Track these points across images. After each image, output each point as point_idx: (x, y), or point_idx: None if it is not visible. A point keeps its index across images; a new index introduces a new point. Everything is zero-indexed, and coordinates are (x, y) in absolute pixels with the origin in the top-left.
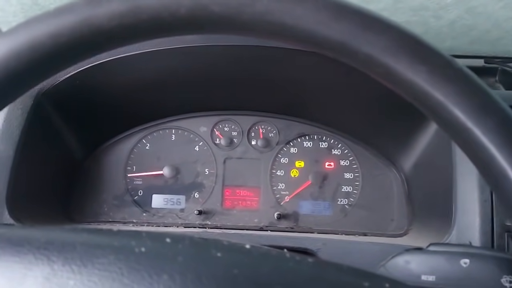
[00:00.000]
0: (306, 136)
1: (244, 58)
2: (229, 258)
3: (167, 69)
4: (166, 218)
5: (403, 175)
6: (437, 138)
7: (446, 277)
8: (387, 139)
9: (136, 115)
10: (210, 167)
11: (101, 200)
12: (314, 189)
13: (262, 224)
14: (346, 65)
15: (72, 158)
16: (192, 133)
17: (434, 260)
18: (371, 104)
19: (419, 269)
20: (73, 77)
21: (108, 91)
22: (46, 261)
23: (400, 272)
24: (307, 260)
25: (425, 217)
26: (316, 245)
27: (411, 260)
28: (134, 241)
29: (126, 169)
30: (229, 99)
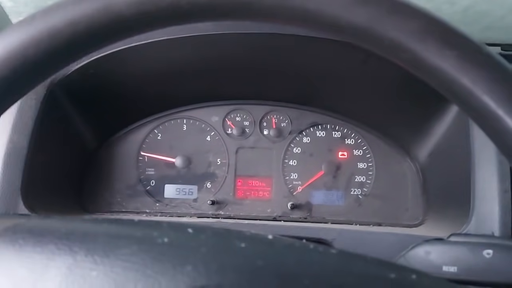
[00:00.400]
0: (319, 126)
1: (257, 46)
2: (253, 249)
3: (179, 58)
4: (179, 208)
5: (418, 165)
6: (453, 127)
7: (468, 268)
8: (402, 128)
9: (149, 105)
10: (222, 157)
11: (114, 190)
12: (327, 179)
13: (275, 214)
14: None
15: (85, 148)
16: (204, 123)
17: (455, 251)
18: (386, 92)
19: (440, 260)
20: (86, 66)
21: (121, 81)
22: (69, 252)
23: (421, 263)
24: (331, 252)
25: (441, 207)
26: (330, 235)
27: (432, 250)
28: (156, 232)
29: (138, 159)
30: (241, 88)
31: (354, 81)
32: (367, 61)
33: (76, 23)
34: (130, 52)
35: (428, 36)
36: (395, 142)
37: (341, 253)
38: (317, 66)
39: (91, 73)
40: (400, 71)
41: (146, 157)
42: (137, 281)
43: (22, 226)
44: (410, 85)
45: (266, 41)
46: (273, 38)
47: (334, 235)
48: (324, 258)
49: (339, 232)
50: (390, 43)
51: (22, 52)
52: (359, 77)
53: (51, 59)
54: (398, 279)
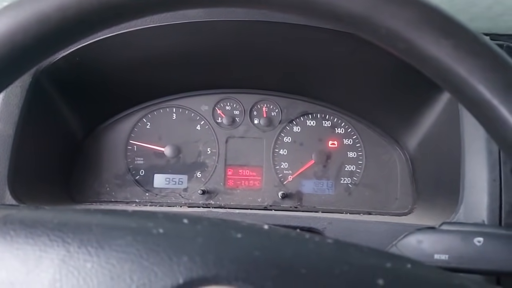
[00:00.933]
0: (309, 115)
1: (247, 34)
2: (250, 240)
3: (168, 45)
4: (169, 198)
5: (408, 154)
6: (443, 116)
7: (459, 256)
8: (391, 118)
9: (137, 93)
10: (212, 147)
11: (102, 179)
12: (318, 168)
13: (266, 204)
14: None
15: (73, 137)
16: (194, 112)
17: (447, 239)
18: (375, 82)
19: (432, 248)
20: (72, 54)
21: (109, 69)
22: (61, 243)
23: (413, 252)
24: (327, 242)
25: (430, 195)
26: (321, 224)
27: (424, 239)
28: (151, 222)
29: (127, 148)
30: (231, 77)
31: (344, 70)
32: (356, 51)
33: (65, 8)
34: (117, 40)
35: (424, 25)
36: (385, 131)
37: (337, 243)
38: (307, 55)
39: (77, 61)
40: (390, 61)
41: (135, 146)
42: (133, 272)
43: (13, 217)
44: (400, 74)
45: (256, 29)
46: (262, 26)
47: (324, 224)
48: (320, 248)
49: (330, 221)
50: (387, 33)
51: (10, 38)
52: (348, 66)
53: (40, 45)
54: (394, 268)
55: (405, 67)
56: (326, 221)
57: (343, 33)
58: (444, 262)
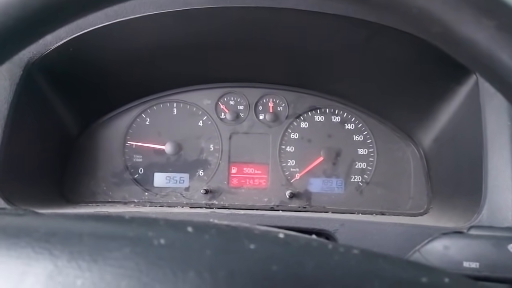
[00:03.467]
0: (317, 110)
1: (254, 22)
2: (265, 251)
3: (168, 35)
4: (170, 198)
5: (422, 150)
6: (463, 110)
7: (491, 264)
8: (405, 112)
9: (135, 87)
10: (215, 143)
11: (98, 178)
12: (327, 165)
13: (272, 204)
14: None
15: (67, 134)
16: (196, 106)
17: (477, 245)
18: (390, 73)
19: (461, 255)
20: (66, 45)
21: (104, 60)
22: (48, 256)
23: (439, 259)
24: (353, 252)
25: (448, 195)
26: (332, 225)
27: (451, 245)
28: (152, 231)
29: (125, 145)
30: (235, 69)
31: (356, 61)
32: (371, 39)
33: None
34: (113, 29)
35: (463, 4)
36: (397, 126)
37: (364, 254)
38: (318, 44)
39: (71, 52)
40: (407, 50)
41: (134, 144)
42: None
43: None
44: (417, 65)
45: (262, 15)
46: (270, 12)
47: (336, 226)
48: (346, 260)
49: (342, 222)
50: (419, 13)
51: None
52: (361, 56)
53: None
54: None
55: (423, 57)
56: (337, 223)
57: (357, 20)
58: (475, 271)
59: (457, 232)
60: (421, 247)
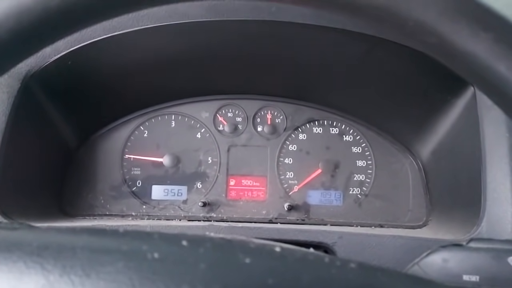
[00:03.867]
0: (315, 122)
1: (252, 34)
2: (261, 265)
3: (166, 48)
4: (168, 210)
5: (420, 163)
6: (461, 122)
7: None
8: (403, 124)
9: (133, 100)
10: (213, 156)
11: (96, 191)
12: (325, 178)
13: (271, 216)
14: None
15: (65, 147)
16: (194, 119)
17: (476, 258)
18: (388, 86)
19: (460, 268)
20: (64, 57)
21: (103, 73)
22: (40, 270)
23: (438, 272)
24: (350, 266)
25: (446, 207)
26: (331, 238)
27: (450, 258)
28: (146, 245)
29: (123, 158)
30: (233, 82)
31: (354, 74)
32: (370, 52)
33: None
34: (111, 42)
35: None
36: (396, 138)
37: (362, 267)
38: (316, 57)
39: (69, 65)
40: (405, 63)
41: (132, 156)
42: None
43: None
44: (415, 78)
45: (261, 29)
46: (269, 26)
47: (334, 239)
48: (343, 274)
49: (340, 235)
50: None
51: None
52: (359, 69)
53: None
54: None
55: (421, 69)
56: (335, 235)
57: (356, 33)
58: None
59: (456, 245)
60: (420, 260)
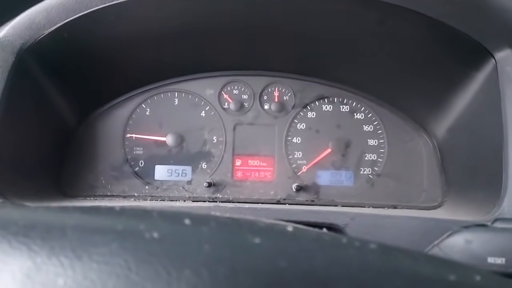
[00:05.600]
0: (325, 99)
1: (260, 5)
2: (272, 246)
3: (168, 18)
4: (172, 191)
5: (435, 141)
6: (480, 97)
7: None
8: (417, 100)
9: (135, 76)
10: (218, 134)
11: (97, 171)
12: (335, 157)
13: (279, 197)
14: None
15: (64, 125)
16: (198, 96)
17: (502, 239)
18: (402, 59)
19: (484, 250)
20: (60, 29)
21: (102, 47)
22: (27, 252)
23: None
24: (370, 247)
25: (463, 187)
26: (342, 220)
27: (474, 239)
28: (143, 224)
29: (125, 137)
30: (239, 57)
31: (367, 46)
32: (384, 22)
33: None
34: (110, 12)
35: None
36: (409, 116)
37: (382, 248)
38: (326, 28)
39: (66, 37)
40: (421, 33)
41: (134, 135)
42: None
43: None
44: (431, 49)
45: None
46: None
47: (346, 220)
48: (362, 256)
49: (352, 216)
50: None
51: None
52: (372, 40)
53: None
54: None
55: (437, 40)
56: (347, 216)
57: (371, 0)
58: (501, 267)
59: (480, 225)
60: (440, 241)
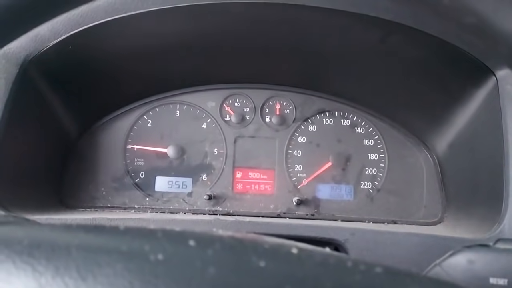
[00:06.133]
0: (326, 113)
1: (261, 19)
2: (277, 270)
3: (171, 32)
4: (172, 203)
5: (436, 156)
6: (481, 114)
7: None
8: (418, 116)
9: (137, 88)
10: (219, 147)
11: (98, 182)
12: (336, 171)
13: (279, 211)
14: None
15: (66, 137)
16: (199, 108)
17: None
18: (404, 75)
19: (486, 270)
20: (64, 42)
21: (105, 59)
22: (31, 272)
23: (462, 274)
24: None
25: (463, 203)
26: (342, 235)
27: (476, 259)
28: (149, 244)
29: (126, 148)
30: (241, 70)
31: (368, 61)
32: (386, 40)
33: None
34: (114, 26)
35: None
36: (410, 131)
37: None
38: (329, 43)
39: (70, 50)
40: (423, 50)
41: (135, 147)
42: None
43: None
44: (433, 66)
45: (271, 12)
46: (280, 8)
47: (346, 235)
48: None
49: (352, 231)
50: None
51: None
52: (374, 57)
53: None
54: None
55: (439, 57)
56: (347, 232)
57: (372, 18)
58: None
59: (482, 246)
60: (442, 260)
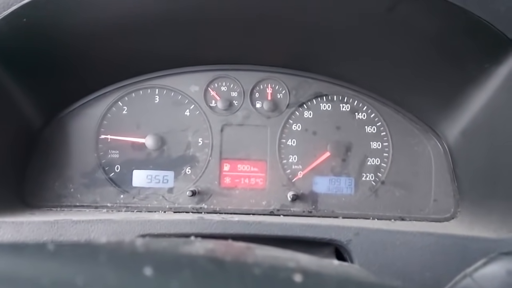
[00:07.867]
0: (323, 97)
1: None
2: None
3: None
4: (150, 201)
5: (446, 144)
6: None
7: None
8: (426, 99)
9: (109, 69)
10: (204, 136)
11: (65, 178)
12: (335, 162)
13: (272, 208)
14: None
15: (27, 127)
16: (181, 93)
17: None
18: (413, 51)
19: None
20: (17, 13)
21: (69, 35)
22: None
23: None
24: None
25: (479, 197)
26: (345, 235)
27: None
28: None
29: (98, 139)
30: (228, 49)
31: (373, 36)
32: (395, 7)
33: None
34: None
35: None
36: (417, 116)
37: None
38: (328, 15)
39: (25, 23)
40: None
41: (108, 137)
42: None
43: None
44: (446, 40)
45: None
46: None
47: (349, 236)
48: None
49: (356, 231)
50: None
51: None
52: (380, 30)
53: None
54: None
55: (454, 30)
56: (350, 231)
57: None
58: None
59: None
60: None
